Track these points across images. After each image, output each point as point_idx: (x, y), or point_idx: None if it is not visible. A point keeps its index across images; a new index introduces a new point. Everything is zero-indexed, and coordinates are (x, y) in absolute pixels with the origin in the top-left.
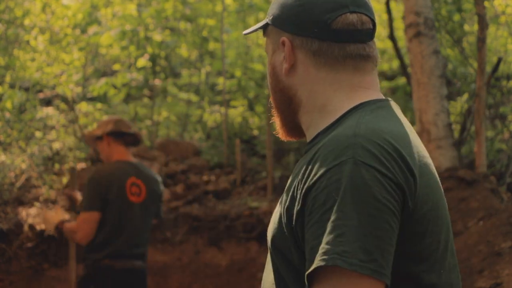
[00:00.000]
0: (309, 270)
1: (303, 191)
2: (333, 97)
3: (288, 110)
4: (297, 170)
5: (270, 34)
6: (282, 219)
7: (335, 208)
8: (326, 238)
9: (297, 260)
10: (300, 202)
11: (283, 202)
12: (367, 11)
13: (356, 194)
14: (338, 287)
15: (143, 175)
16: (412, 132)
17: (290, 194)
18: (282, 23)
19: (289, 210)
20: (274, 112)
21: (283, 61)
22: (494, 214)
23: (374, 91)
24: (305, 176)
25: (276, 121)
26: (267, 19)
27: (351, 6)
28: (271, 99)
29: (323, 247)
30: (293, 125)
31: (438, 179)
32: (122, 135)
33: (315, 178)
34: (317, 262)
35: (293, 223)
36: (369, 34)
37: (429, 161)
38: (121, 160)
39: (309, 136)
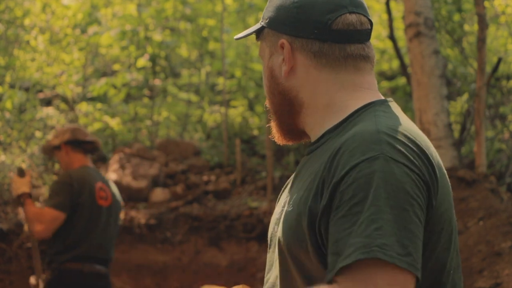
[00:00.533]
0: (346, 263)
1: (330, 186)
2: (337, 97)
3: (288, 112)
4: (311, 169)
5: (266, 37)
6: (301, 219)
7: (368, 202)
8: (363, 231)
9: (312, 260)
10: (327, 197)
11: (302, 202)
12: (364, 12)
13: (389, 189)
14: (374, 279)
15: (106, 181)
16: (419, 131)
17: (313, 193)
18: (279, 25)
19: (312, 209)
20: (271, 115)
21: (282, 64)
22: (494, 214)
23: (374, 91)
24: (331, 172)
25: (273, 125)
26: (261, 23)
27: (350, 6)
28: (267, 103)
29: (360, 240)
30: (291, 128)
31: (448, 179)
32: (79, 143)
33: (342, 173)
34: (357, 255)
35: (318, 220)
36: (368, 34)
37: (440, 160)
38: (85, 166)
39: (314, 136)
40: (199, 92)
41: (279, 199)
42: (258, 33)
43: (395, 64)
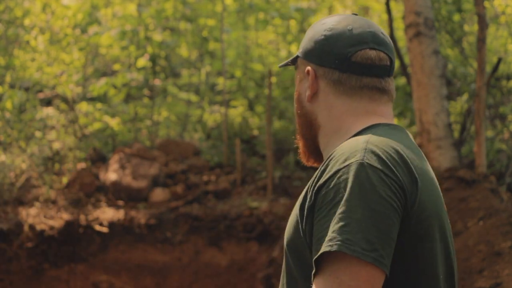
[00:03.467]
0: (316, 256)
1: (315, 189)
2: (347, 120)
3: (310, 133)
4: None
5: (299, 65)
6: (298, 220)
7: (342, 203)
8: (332, 228)
9: (310, 260)
10: (312, 199)
11: (298, 204)
12: (387, 50)
13: (361, 191)
14: (340, 271)
15: None
16: (419, 152)
17: (303, 195)
18: (309, 55)
19: (301, 209)
20: (297, 136)
21: (307, 89)
22: (494, 214)
23: (387, 119)
24: (318, 176)
25: (300, 144)
26: (298, 53)
27: (371, 43)
28: (296, 124)
29: (329, 235)
30: (313, 149)
31: (440, 193)
32: None
33: (326, 177)
34: (323, 248)
35: (304, 219)
36: (386, 70)
37: (432, 175)
38: None
39: (325, 155)
40: (199, 92)
41: None
42: (295, 61)
43: (395, 64)
